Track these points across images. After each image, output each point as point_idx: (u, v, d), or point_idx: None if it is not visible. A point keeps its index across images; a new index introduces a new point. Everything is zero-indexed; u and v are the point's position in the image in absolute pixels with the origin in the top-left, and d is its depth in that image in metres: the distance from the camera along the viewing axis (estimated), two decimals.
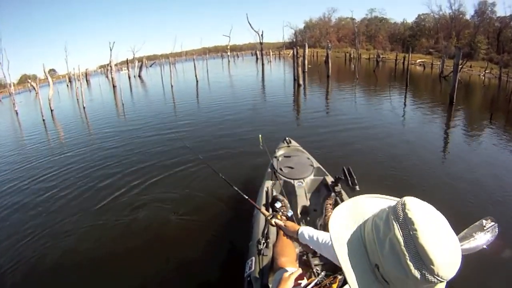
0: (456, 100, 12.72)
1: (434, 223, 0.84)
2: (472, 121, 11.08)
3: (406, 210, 0.85)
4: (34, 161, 9.49)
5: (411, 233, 0.82)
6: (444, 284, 0.85)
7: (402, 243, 0.82)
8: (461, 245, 1.76)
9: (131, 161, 8.31)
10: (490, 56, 37.92)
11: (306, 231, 1.84)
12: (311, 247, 1.84)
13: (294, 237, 1.91)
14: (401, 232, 0.83)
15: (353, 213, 1.05)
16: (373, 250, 0.92)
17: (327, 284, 1.67)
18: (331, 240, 1.02)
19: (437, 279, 0.80)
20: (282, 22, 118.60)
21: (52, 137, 12.99)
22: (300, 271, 1.86)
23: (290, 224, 1.97)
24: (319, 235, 1.77)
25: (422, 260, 0.80)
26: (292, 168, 4.54)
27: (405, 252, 0.82)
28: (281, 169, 4.51)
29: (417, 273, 0.81)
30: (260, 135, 4.99)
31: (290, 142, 5.61)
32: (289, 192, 4.07)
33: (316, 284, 1.71)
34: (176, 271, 4.09)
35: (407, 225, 0.83)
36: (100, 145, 10.49)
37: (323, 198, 3.64)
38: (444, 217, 0.87)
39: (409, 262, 0.81)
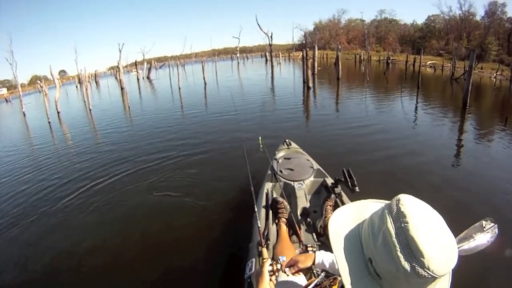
0: (468, 103, 12.32)
1: (427, 218, 0.84)
2: (487, 125, 10.70)
3: (400, 205, 0.86)
4: (35, 162, 9.67)
5: (403, 225, 0.82)
6: (443, 282, 0.85)
7: (393, 235, 0.83)
8: (461, 246, 1.76)
9: (130, 164, 8.31)
10: (501, 58, 37.51)
11: (325, 258, 1.81)
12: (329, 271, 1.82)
13: (308, 265, 1.83)
14: (393, 225, 0.84)
15: (355, 213, 1.06)
16: (367, 244, 0.93)
17: (327, 285, 1.65)
18: (329, 234, 1.04)
19: (427, 272, 0.78)
20: (292, 24, 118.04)
21: (57, 140, 13.11)
22: (269, 261, 1.81)
23: (302, 257, 1.86)
24: (335, 257, 1.74)
25: (413, 252, 0.80)
26: (292, 170, 4.53)
27: (396, 244, 0.82)
28: (281, 171, 4.50)
29: (407, 265, 0.80)
30: (260, 137, 5.00)
31: (290, 144, 5.58)
32: (289, 194, 4.06)
33: (316, 285, 1.70)
34: (175, 272, 4.09)
35: (399, 218, 0.84)
36: (102, 148, 10.57)
37: (323, 199, 3.59)
38: (440, 216, 0.87)
39: (399, 254, 0.81)
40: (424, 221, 0.82)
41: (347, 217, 1.06)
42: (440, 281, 0.83)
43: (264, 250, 2.24)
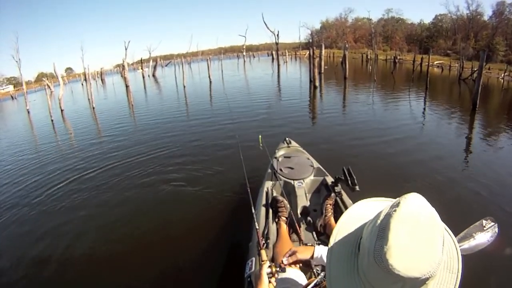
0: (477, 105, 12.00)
1: (417, 217, 0.82)
2: (497, 128, 10.36)
3: (403, 198, 0.86)
4: (36, 159, 9.74)
5: (391, 212, 0.84)
6: None
7: (381, 218, 0.85)
8: (461, 245, 1.75)
9: (126, 161, 8.37)
10: (509, 58, 37.17)
11: (324, 253, 1.79)
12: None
13: (307, 259, 1.83)
14: (386, 211, 0.86)
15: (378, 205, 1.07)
16: (367, 225, 0.95)
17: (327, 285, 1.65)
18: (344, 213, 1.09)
19: (383, 262, 0.78)
20: (299, 22, 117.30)
21: (59, 138, 13.16)
22: (268, 263, 1.82)
23: (302, 248, 1.88)
24: None
25: (383, 237, 0.80)
26: (292, 168, 4.53)
27: (377, 225, 0.84)
28: (281, 170, 4.50)
29: (371, 247, 0.82)
30: (259, 136, 5.00)
31: (290, 142, 5.59)
32: (289, 192, 4.07)
33: (316, 285, 1.69)
34: (174, 271, 4.10)
35: (394, 207, 0.85)
36: (100, 145, 10.64)
37: (323, 198, 3.59)
38: (439, 225, 0.84)
39: (374, 234, 0.84)
40: (411, 218, 0.81)
41: (370, 206, 1.09)
42: None
43: (263, 252, 2.22)
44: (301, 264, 1.97)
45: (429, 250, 0.79)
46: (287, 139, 5.67)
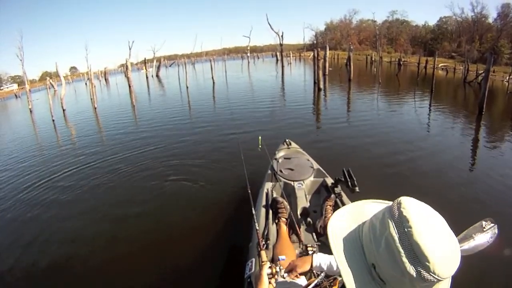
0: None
1: (430, 221, 0.83)
2: (503, 132, 10.21)
3: (401, 209, 0.85)
4: (35, 159, 9.78)
5: (406, 230, 0.81)
6: (446, 283, 0.84)
7: (397, 241, 0.82)
8: (461, 246, 1.74)
9: (130, 167, 8.16)
10: None
11: (322, 261, 1.82)
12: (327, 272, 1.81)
13: (307, 269, 1.85)
14: (396, 230, 0.83)
15: (354, 215, 1.05)
16: (370, 250, 0.92)
17: (327, 285, 1.64)
18: (328, 238, 1.01)
19: (433, 277, 0.79)
20: (303, 24, 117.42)
21: (60, 138, 13.14)
22: (268, 264, 1.81)
23: (300, 261, 1.88)
24: (332, 260, 1.79)
25: (418, 257, 0.79)
26: (292, 169, 4.55)
27: (400, 250, 0.81)
28: (281, 171, 4.52)
29: (412, 271, 0.80)
30: (259, 137, 5.01)
31: (290, 144, 5.61)
32: (289, 193, 4.07)
33: (316, 285, 1.69)
34: (174, 272, 4.08)
35: (402, 222, 0.83)
36: (100, 146, 10.64)
37: (323, 199, 3.60)
38: (442, 218, 0.86)
39: (404, 260, 0.81)
40: (428, 225, 0.82)
41: (347, 219, 1.05)
42: (443, 282, 0.83)
43: (263, 253, 2.22)
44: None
45: (453, 245, 0.83)
46: (287, 140, 5.68)
